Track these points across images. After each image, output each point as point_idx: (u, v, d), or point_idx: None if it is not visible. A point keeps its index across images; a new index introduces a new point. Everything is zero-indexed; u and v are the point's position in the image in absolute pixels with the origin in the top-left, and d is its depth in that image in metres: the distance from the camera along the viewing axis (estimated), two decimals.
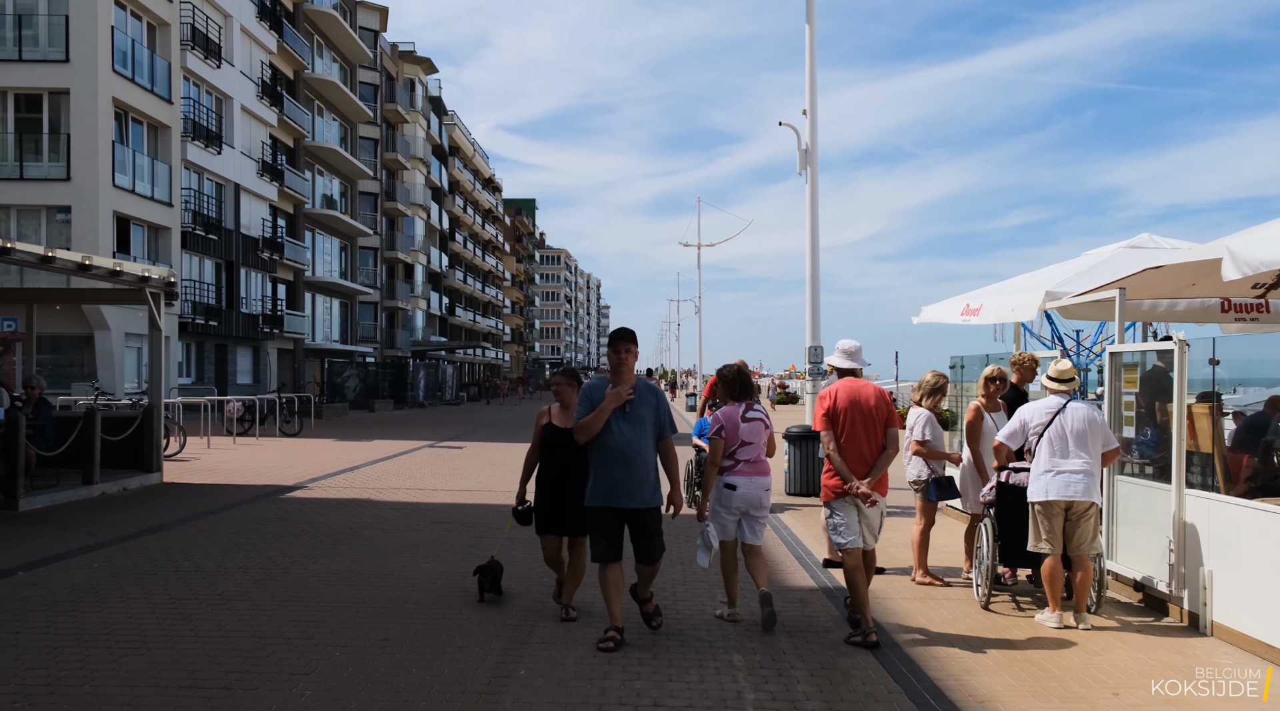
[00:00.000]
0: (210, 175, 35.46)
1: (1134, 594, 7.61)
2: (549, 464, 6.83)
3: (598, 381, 6.31)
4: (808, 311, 15.48)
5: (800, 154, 15.48)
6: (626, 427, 6.14)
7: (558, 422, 6.81)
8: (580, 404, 6.25)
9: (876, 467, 6.58)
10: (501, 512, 11.96)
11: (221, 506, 12.10)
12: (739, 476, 6.72)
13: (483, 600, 7.36)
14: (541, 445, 6.90)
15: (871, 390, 6.78)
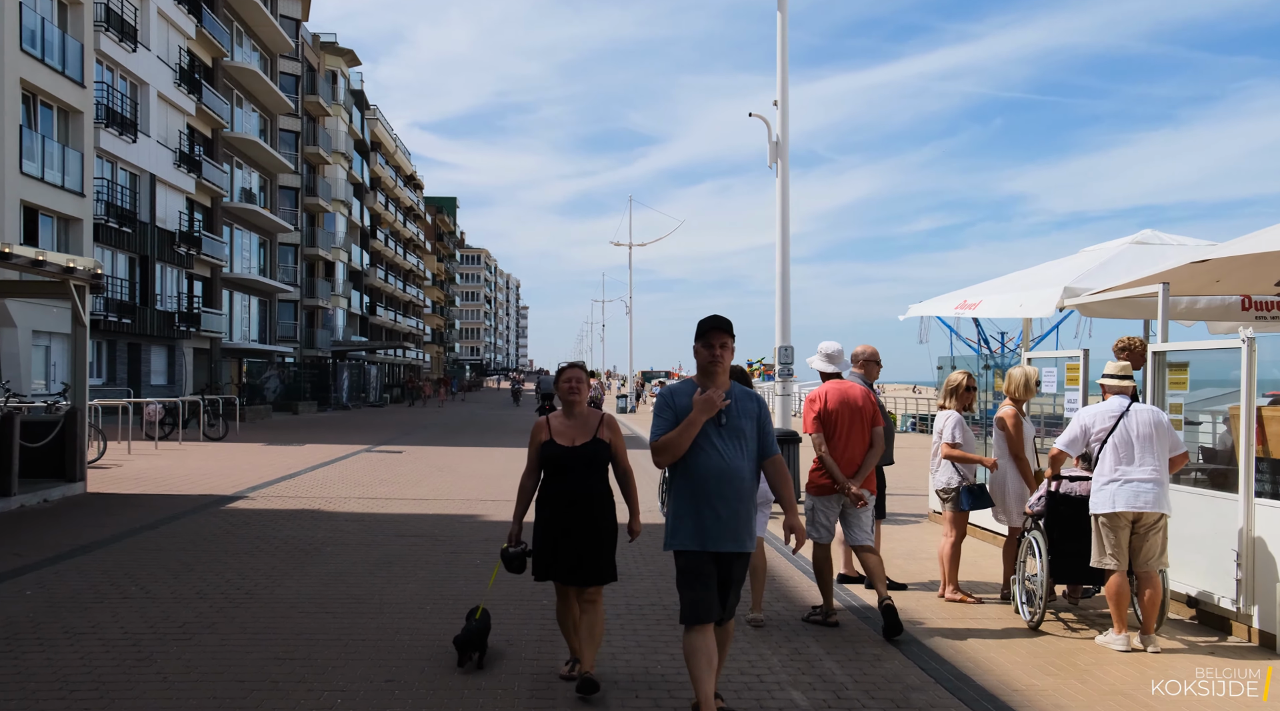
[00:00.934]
0: (124, 164, 33.65)
1: (1185, 609, 7.12)
2: (552, 493, 5.32)
3: (681, 386, 4.80)
4: (777, 311, 14.89)
5: (771, 146, 14.88)
6: (724, 445, 4.64)
7: (562, 439, 5.30)
8: (659, 415, 4.72)
9: (864, 467, 6.82)
10: (467, 524, 11.14)
11: (159, 519, 11.01)
12: None
13: (463, 666, 5.67)
14: (542, 468, 5.38)
15: (859, 391, 6.99)
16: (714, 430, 4.65)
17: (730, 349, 4.71)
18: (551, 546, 5.29)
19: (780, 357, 14.77)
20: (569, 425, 5.36)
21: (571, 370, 5.41)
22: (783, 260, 14.86)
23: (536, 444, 5.39)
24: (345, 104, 63.66)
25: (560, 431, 5.34)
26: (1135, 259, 9.44)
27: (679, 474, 4.69)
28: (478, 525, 11.15)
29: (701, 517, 4.60)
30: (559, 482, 5.31)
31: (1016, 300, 9.52)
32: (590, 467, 5.28)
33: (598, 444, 5.30)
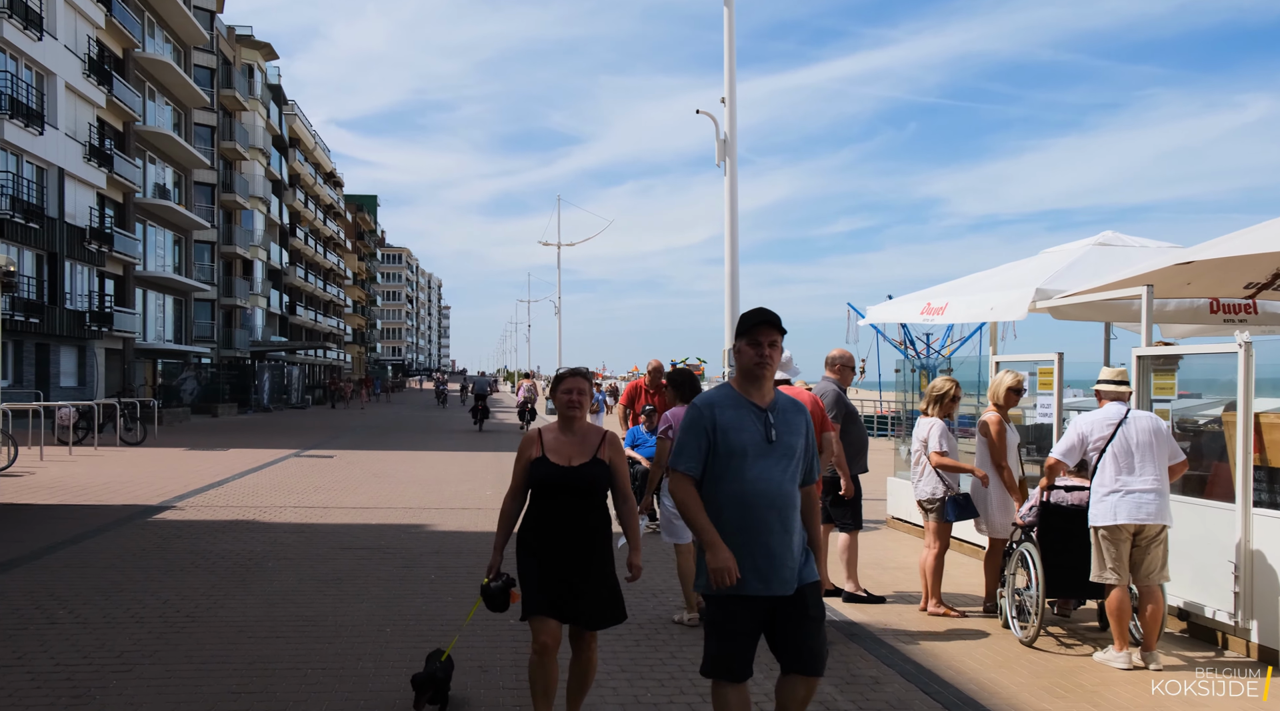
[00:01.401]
0: (30, 158, 32.14)
1: (1174, 622, 6.97)
2: (542, 520, 4.54)
3: (719, 396, 4.00)
4: (727, 311, 14.60)
5: (719, 144, 14.60)
6: (774, 467, 3.88)
7: (557, 457, 4.54)
8: (690, 433, 3.94)
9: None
10: (413, 535, 10.63)
11: (81, 533, 10.28)
12: None
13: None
14: (531, 489, 4.62)
15: (807, 396, 7.00)
16: (761, 448, 3.88)
17: (780, 349, 3.95)
18: (542, 581, 4.48)
19: (729, 360, 14.50)
20: (566, 442, 4.60)
21: (572, 379, 4.66)
22: (732, 260, 14.59)
23: (525, 460, 4.61)
24: (263, 98, 62.01)
25: (555, 448, 4.58)
26: (1101, 260, 9.33)
27: (716, 500, 3.90)
28: (425, 536, 10.64)
29: (750, 554, 3.80)
30: (551, 508, 4.53)
31: (986, 303, 9.34)
32: (588, 493, 4.55)
33: (598, 466, 4.55)
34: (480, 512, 12.38)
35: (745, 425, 3.91)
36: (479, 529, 11.11)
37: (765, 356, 3.92)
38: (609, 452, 4.63)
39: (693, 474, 3.92)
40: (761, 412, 3.94)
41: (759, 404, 3.97)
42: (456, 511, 12.50)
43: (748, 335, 3.95)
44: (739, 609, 3.83)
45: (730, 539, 3.82)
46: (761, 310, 4.00)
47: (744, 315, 4.02)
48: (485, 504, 13.20)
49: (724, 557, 3.75)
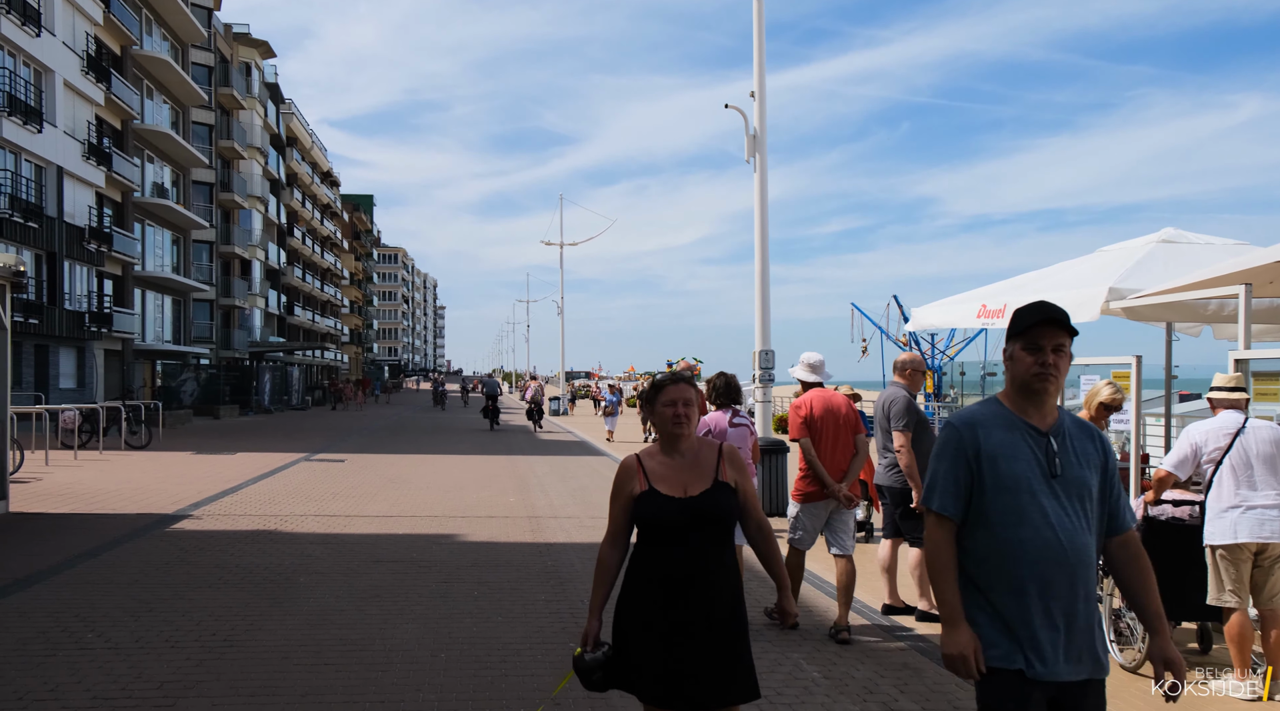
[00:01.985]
0: (29, 156, 31.62)
1: None
2: (654, 572, 3.59)
3: (982, 414, 3.14)
4: (757, 313, 14.22)
5: (748, 139, 14.22)
6: (1060, 508, 3.02)
7: (669, 486, 3.62)
8: (943, 460, 3.12)
9: (850, 473, 6.94)
10: (445, 547, 10.19)
11: (99, 545, 9.83)
12: None
13: None
14: (639, 533, 3.70)
15: (841, 399, 7.14)
16: (1042, 483, 3.01)
17: (1068, 355, 3.08)
18: (655, 652, 3.52)
19: (761, 362, 14.08)
20: (676, 466, 3.66)
21: (676, 387, 3.72)
22: (762, 258, 14.20)
23: (625, 497, 3.69)
24: (260, 97, 61.47)
25: (663, 476, 3.64)
26: (1169, 258, 8.94)
27: (979, 553, 3.07)
28: (457, 547, 10.20)
29: (1026, 622, 2.97)
30: (665, 555, 3.58)
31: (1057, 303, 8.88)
32: (714, 529, 3.59)
33: (722, 492, 3.63)
34: (508, 521, 11.95)
35: (1019, 453, 3.04)
36: (511, 539, 10.69)
37: (1048, 366, 3.02)
38: (732, 472, 3.70)
39: (951, 516, 3.09)
40: (1041, 437, 3.06)
41: (1038, 426, 3.08)
42: (483, 520, 12.06)
43: (1023, 337, 3.07)
44: (1022, 691, 2.94)
45: (1001, 605, 3.00)
46: (1043, 305, 3.09)
47: (1019, 312, 3.12)
48: (512, 512, 12.77)
49: (962, 641, 3.00)
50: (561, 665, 6.06)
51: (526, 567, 9.13)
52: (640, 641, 3.54)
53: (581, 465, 19.90)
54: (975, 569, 3.07)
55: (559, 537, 10.85)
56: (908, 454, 7.16)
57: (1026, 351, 3.06)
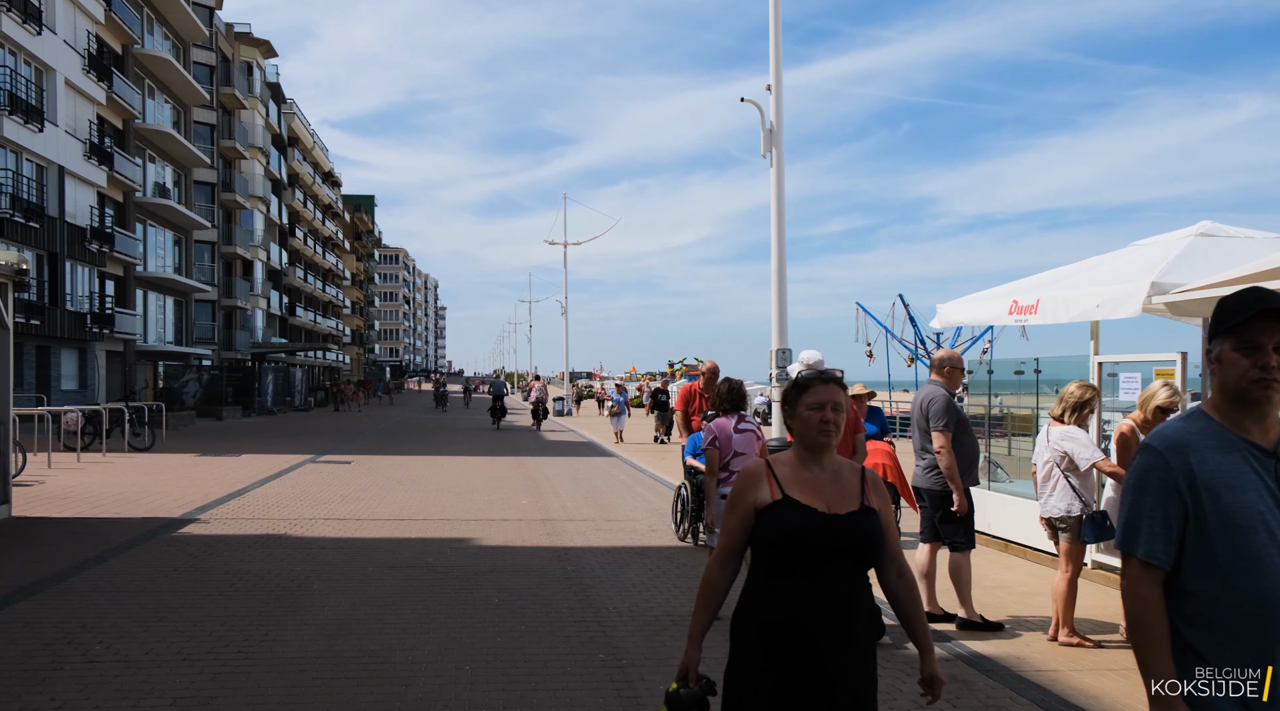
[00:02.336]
0: (30, 155, 31.36)
1: None
2: (786, 602, 2.92)
3: (1186, 434, 2.48)
4: (774, 310, 13.93)
5: (764, 134, 13.93)
6: None
7: (813, 499, 2.98)
8: (1142, 494, 2.47)
9: None
10: (460, 551, 9.90)
11: (105, 551, 9.54)
12: None
13: None
14: (758, 556, 3.03)
15: None
16: (1277, 517, 2.37)
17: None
18: (775, 700, 2.87)
19: (777, 361, 13.80)
20: (815, 480, 3.02)
21: (825, 387, 3.06)
22: (778, 256, 13.91)
23: (748, 505, 3.00)
24: (262, 97, 61.19)
25: (803, 487, 2.99)
26: (1210, 252, 8.66)
27: (1199, 608, 2.46)
28: (473, 552, 9.91)
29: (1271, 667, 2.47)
30: (801, 583, 2.90)
31: (1090, 299, 8.60)
32: (857, 561, 2.96)
33: (870, 518, 2.98)
34: (523, 525, 11.67)
35: (1245, 480, 2.38)
36: (527, 543, 10.40)
37: (1272, 369, 2.37)
38: (877, 499, 3.06)
39: (1162, 564, 2.44)
40: (1269, 458, 2.42)
41: (1262, 444, 2.44)
42: (497, 523, 11.78)
43: (1237, 334, 2.41)
44: None
45: (1247, 642, 2.46)
46: (1258, 293, 2.42)
47: (1226, 302, 2.48)
48: (525, 515, 12.49)
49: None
50: (593, 678, 5.78)
51: (546, 573, 8.84)
52: (756, 682, 2.91)
53: (591, 467, 19.62)
54: (1195, 634, 2.46)
55: (576, 542, 10.56)
56: (948, 455, 6.89)
57: (1241, 352, 2.40)
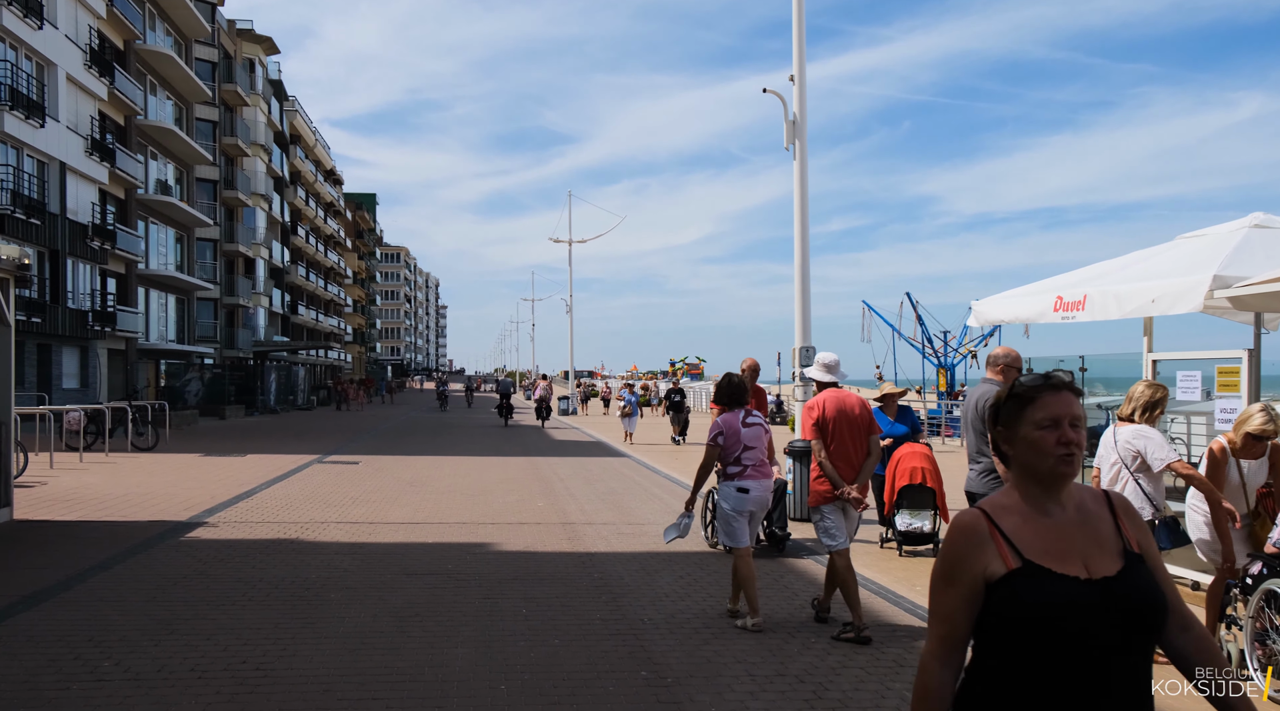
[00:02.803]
0: (31, 151, 30.96)
1: None
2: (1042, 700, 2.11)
3: None
4: (797, 307, 13.54)
5: (787, 126, 13.54)
6: None
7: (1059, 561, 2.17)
8: None
9: (863, 473, 6.86)
10: (479, 557, 9.51)
11: (110, 557, 9.15)
12: (749, 480, 6.95)
13: None
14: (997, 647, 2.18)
15: (855, 400, 7.03)
16: None
17: None
18: None
19: (801, 360, 13.40)
20: (1057, 528, 2.24)
21: (1058, 397, 2.27)
22: (802, 251, 13.52)
23: (974, 580, 2.19)
24: (264, 94, 60.77)
25: (1041, 542, 2.21)
26: (1269, 244, 8.25)
27: None
28: (493, 558, 9.53)
29: None
30: (1065, 686, 2.10)
31: (1144, 294, 8.16)
32: (1146, 642, 2.19)
33: (1139, 569, 2.22)
34: (542, 528, 11.27)
35: None
36: (549, 548, 10.01)
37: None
38: (1137, 532, 2.30)
39: None
40: None
41: None
42: (515, 527, 11.39)
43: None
44: None
45: None
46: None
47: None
48: (543, 518, 12.10)
49: None
50: (639, 699, 5.38)
51: (573, 581, 8.45)
52: None
53: (604, 467, 19.23)
54: None
55: (599, 546, 10.17)
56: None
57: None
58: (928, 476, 9.32)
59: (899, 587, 8.28)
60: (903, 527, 9.51)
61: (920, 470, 9.35)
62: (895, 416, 10.35)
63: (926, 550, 9.92)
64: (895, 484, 9.46)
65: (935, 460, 9.62)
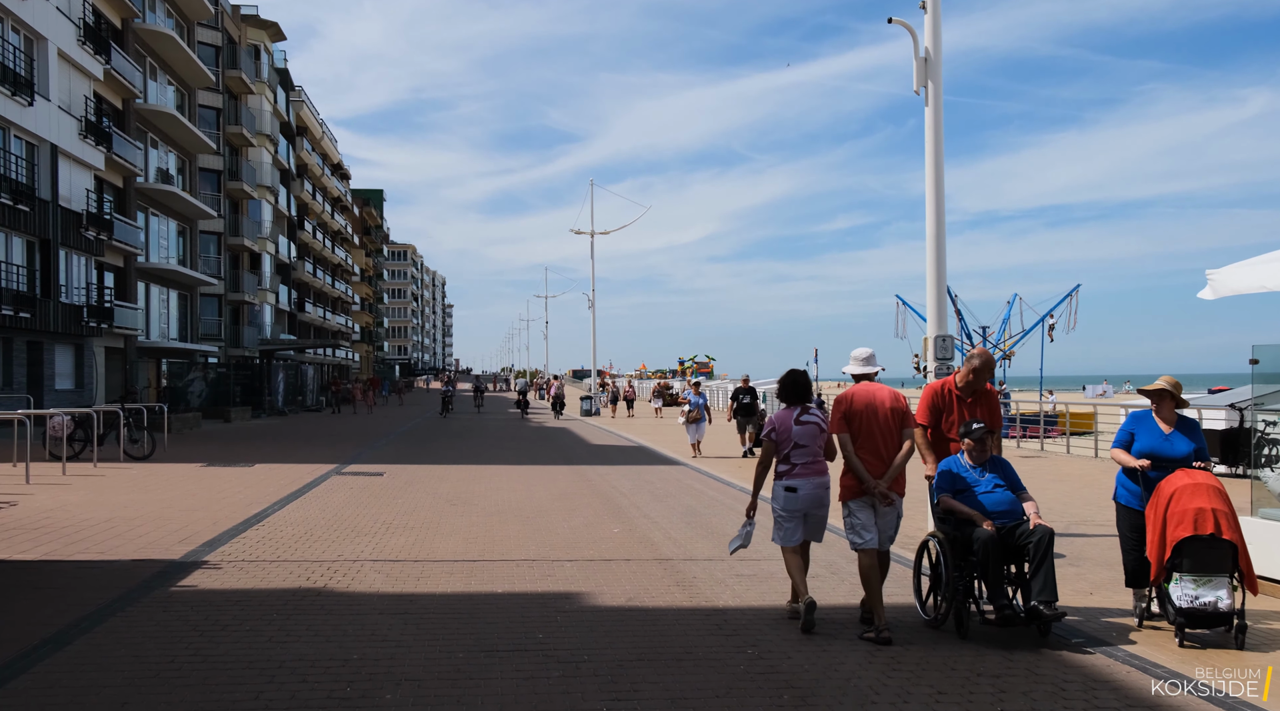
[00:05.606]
0: (19, 131, 28.52)
1: None
2: None
3: None
4: (930, 289, 11.04)
5: (917, 64, 11.05)
6: None
7: None
8: None
9: (893, 468, 6.63)
10: (574, 617, 7.01)
11: (72, 622, 6.64)
12: (798, 478, 6.74)
13: None
14: None
15: (887, 393, 6.82)
16: None
17: None
18: None
19: (937, 351, 10.89)
20: None
21: None
22: (936, 216, 11.00)
23: None
24: (269, 82, 58.36)
25: None
26: None
27: None
28: (591, 618, 7.02)
29: None
30: None
31: None
32: None
33: None
34: (636, 568, 8.77)
35: None
36: (658, 602, 7.49)
37: None
38: None
39: None
40: None
41: None
42: (600, 566, 8.90)
43: None
44: None
45: None
46: None
47: None
48: (630, 552, 9.61)
49: None
50: None
51: (726, 662, 5.94)
52: None
53: (665, 478, 16.75)
54: None
55: (724, 597, 7.67)
56: None
57: None
58: (1222, 522, 6.18)
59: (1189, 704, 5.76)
60: (1184, 602, 6.22)
61: (1209, 514, 6.17)
62: (1175, 426, 6.87)
63: (1220, 636, 6.50)
64: (1169, 533, 6.29)
65: (1227, 496, 6.39)
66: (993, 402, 7.25)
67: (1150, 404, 6.98)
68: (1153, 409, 6.91)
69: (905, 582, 7.79)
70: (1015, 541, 6.44)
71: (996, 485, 6.72)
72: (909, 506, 8.08)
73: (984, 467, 6.79)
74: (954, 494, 6.75)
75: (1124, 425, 7.05)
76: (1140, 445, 6.78)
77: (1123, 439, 6.95)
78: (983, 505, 6.60)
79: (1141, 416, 6.96)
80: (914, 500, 8.64)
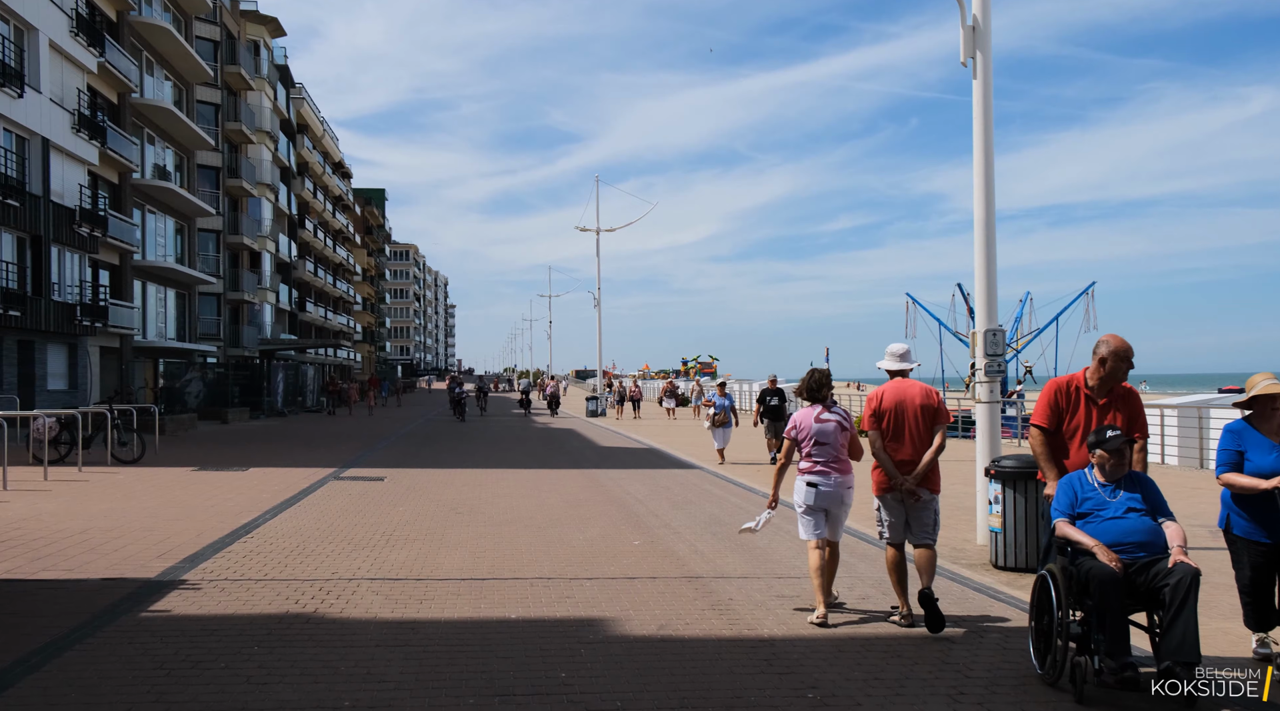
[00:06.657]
0: (8, 123, 27.59)
1: None
2: None
3: None
4: (978, 279, 10.16)
5: (964, 33, 10.16)
6: None
7: None
8: None
9: (922, 465, 6.64)
10: (597, 649, 6.08)
11: (21, 656, 5.75)
12: (816, 475, 6.79)
13: None
14: None
15: (918, 389, 6.84)
16: None
17: None
18: None
19: (988, 347, 9.99)
20: None
21: None
22: (985, 198, 10.10)
23: None
24: (269, 78, 57.45)
25: None
26: None
27: None
28: (621, 653, 6.10)
29: None
30: None
31: None
32: None
33: None
34: (663, 587, 7.86)
35: None
36: (694, 631, 6.57)
37: None
38: None
39: None
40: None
41: None
42: (624, 584, 7.99)
43: None
44: None
45: None
46: None
47: None
48: (654, 568, 8.70)
49: None
50: None
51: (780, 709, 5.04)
52: None
53: (681, 482, 15.85)
54: None
55: (767, 624, 6.75)
56: None
57: None
58: None
59: None
60: None
61: None
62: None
63: None
64: None
65: None
66: (1134, 405, 5.96)
67: (1241, 413, 5.96)
68: (1243, 417, 5.91)
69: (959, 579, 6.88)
70: (1148, 582, 5.12)
71: (1131, 509, 5.36)
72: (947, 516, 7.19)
73: (1117, 485, 5.46)
74: (1073, 518, 5.44)
75: (1223, 443, 5.88)
76: (1259, 464, 5.68)
77: (1230, 459, 5.80)
78: (1109, 532, 5.27)
79: (1239, 430, 5.84)
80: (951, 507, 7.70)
